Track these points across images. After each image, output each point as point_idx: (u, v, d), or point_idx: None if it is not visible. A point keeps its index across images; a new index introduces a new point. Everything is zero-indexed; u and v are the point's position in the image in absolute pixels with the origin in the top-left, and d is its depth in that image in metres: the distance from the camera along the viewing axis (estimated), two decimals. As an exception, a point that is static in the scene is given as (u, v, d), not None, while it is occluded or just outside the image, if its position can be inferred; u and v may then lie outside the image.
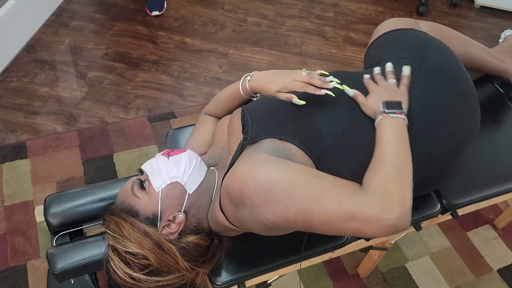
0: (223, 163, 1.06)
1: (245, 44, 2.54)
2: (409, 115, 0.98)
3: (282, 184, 0.82)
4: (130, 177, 1.23)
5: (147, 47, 2.46)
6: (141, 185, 0.95)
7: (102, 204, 1.15)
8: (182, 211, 0.94)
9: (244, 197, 0.84)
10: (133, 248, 0.88)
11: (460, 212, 1.31)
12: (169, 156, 0.97)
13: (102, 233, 1.10)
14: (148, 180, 0.94)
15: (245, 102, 1.15)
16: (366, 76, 1.05)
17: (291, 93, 0.99)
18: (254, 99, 1.12)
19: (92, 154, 1.95)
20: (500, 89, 1.53)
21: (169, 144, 1.37)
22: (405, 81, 1.02)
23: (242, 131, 0.98)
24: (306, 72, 1.01)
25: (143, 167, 0.97)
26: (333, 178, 0.86)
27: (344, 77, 1.06)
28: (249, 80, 1.08)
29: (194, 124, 1.42)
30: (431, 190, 1.23)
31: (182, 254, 0.92)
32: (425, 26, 1.29)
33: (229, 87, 1.16)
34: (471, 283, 1.70)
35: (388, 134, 0.90)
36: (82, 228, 1.17)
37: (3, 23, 2.21)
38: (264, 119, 0.96)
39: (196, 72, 2.36)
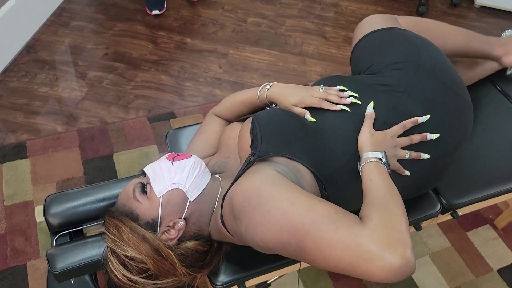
0: (228, 173, 1.05)
1: (245, 44, 2.54)
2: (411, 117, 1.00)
3: (282, 205, 0.78)
4: (130, 177, 1.23)
5: (147, 47, 2.46)
6: (143, 189, 0.93)
7: (102, 204, 1.15)
8: (183, 217, 0.93)
9: (244, 213, 0.82)
10: (132, 253, 0.88)
11: (460, 212, 1.31)
12: (173, 161, 0.95)
13: (101, 233, 1.10)
14: (150, 184, 0.93)
15: (258, 110, 1.14)
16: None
17: (306, 109, 1.01)
18: (268, 108, 1.11)
19: (92, 154, 1.95)
20: (500, 90, 1.53)
21: (169, 144, 1.37)
22: (413, 154, 0.99)
23: (251, 145, 0.96)
24: (324, 88, 1.03)
25: (145, 170, 0.96)
26: (337, 207, 0.79)
27: (351, 84, 1.06)
28: (268, 89, 1.08)
29: (194, 124, 1.43)
30: (428, 189, 1.23)
31: (180, 260, 0.92)
32: (404, 21, 1.27)
33: (244, 92, 1.15)
34: (471, 283, 1.70)
35: (385, 176, 0.87)
36: (82, 228, 1.17)
37: (3, 23, 2.21)
38: (275, 135, 0.94)
39: (196, 72, 2.36)
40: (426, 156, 1.01)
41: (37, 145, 1.96)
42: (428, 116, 1.00)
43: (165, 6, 2.66)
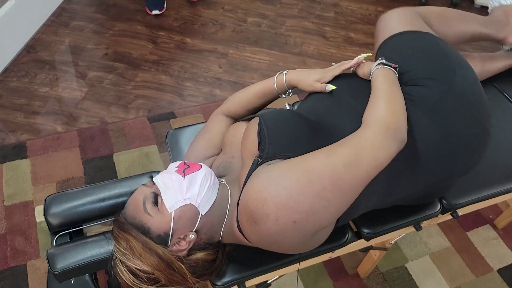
0: (233, 174, 1.04)
1: (245, 44, 2.54)
2: (431, 146, 1.00)
3: (298, 169, 0.84)
4: (130, 177, 1.23)
5: (147, 47, 2.46)
6: (154, 200, 0.91)
7: (102, 204, 1.15)
8: (194, 230, 0.93)
9: (267, 206, 0.82)
10: (143, 267, 0.88)
11: (460, 212, 1.31)
12: (184, 174, 0.93)
13: (103, 233, 1.10)
14: (161, 196, 0.91)
15: (270, 101, 1.19)
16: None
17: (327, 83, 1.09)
18: (283, 96, 1.16)
19: (92, 154, 1.95)
20: (500, 90, 1.53)
21: (169, 144, 1.37)
22: None
23: (258, 147, 0.95)
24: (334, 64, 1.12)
25: (155, 181, 0.94)
26: None
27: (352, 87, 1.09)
28: (285, 74, 1.13)
29: (194, 124, 1.43)
30: (433, 199, 1.24)
31: (191, 272, 0.92)
32: (423, 11, 1.26)
33: (255, 85, 1.17)
34: (471, 283, 1.70)
35: (381, 79, 0.99)
36: (82, 228, 1.17)
37: (3, 23, 2.21)
38: (283, 138, 0.93)
39: (196, 72, 2.36)
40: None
41: (37, 145, 1.96)
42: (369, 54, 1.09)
43: (165, 6, 2.66)
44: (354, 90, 1.05)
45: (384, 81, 0.99)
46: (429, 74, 1.05)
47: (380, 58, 1.03)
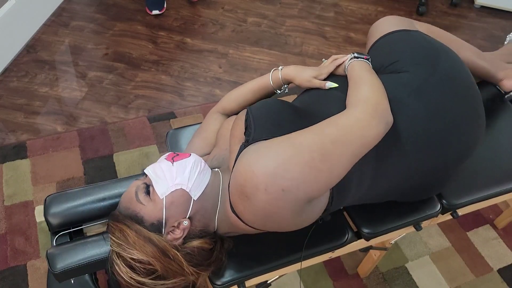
0: (226, 165, 1.05)
1: (245, 44, 2.54)
2: (419, 124, 1.00)
3: (286, 143, 0.86)
4: (130, 177, 1.23)
5: (147, 47, 2.46)
6: (146, 190, 0.93)
7: (102, 204, 1.15)
8: (187, 217, 0.93)
9: (256, 178, 0.83)
10: (138, 255, 0.88)
11: (460, 212, 1.31)
12: (173, 161, 0.95)
13: (102, 233, 1.10)
14: (152, 185, 0.93)
15: (265, 97, 1.19)
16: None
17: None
18: (279, 92, 1.17)
19: (92, 154, 1.95)
20: (500, 90, 1.53)
21: (169, 144, 1.37)
22: None
23: (245, 133, 0.97)
24: (325, 60, 1.15)
25: (146, 171, 0.95)
26: None
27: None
28: (281, 69, 1.14)
29: (194, 124, 1.43)
30: (430, 195, 1.23)
31: (187, 260, 0.92)
32: (420, 27, 1.28)
33: (250, 82, 1.18)
34: (471, 283, 1.70)
35: (357, 68, 1.03)
36: (82, 228, 1.17)
37: (3, 23, 2.21)
38: (268, 122, 0.95)
39: (196, 72, 2.36)
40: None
41: (37, 145, 1.96)
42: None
43: (165, 6, 2.66)
44: (340, 85, 1.07)
45: (360, 70, 1.03)
46: (414, 60, 1.09)
47: (351, 54, 1.08)
